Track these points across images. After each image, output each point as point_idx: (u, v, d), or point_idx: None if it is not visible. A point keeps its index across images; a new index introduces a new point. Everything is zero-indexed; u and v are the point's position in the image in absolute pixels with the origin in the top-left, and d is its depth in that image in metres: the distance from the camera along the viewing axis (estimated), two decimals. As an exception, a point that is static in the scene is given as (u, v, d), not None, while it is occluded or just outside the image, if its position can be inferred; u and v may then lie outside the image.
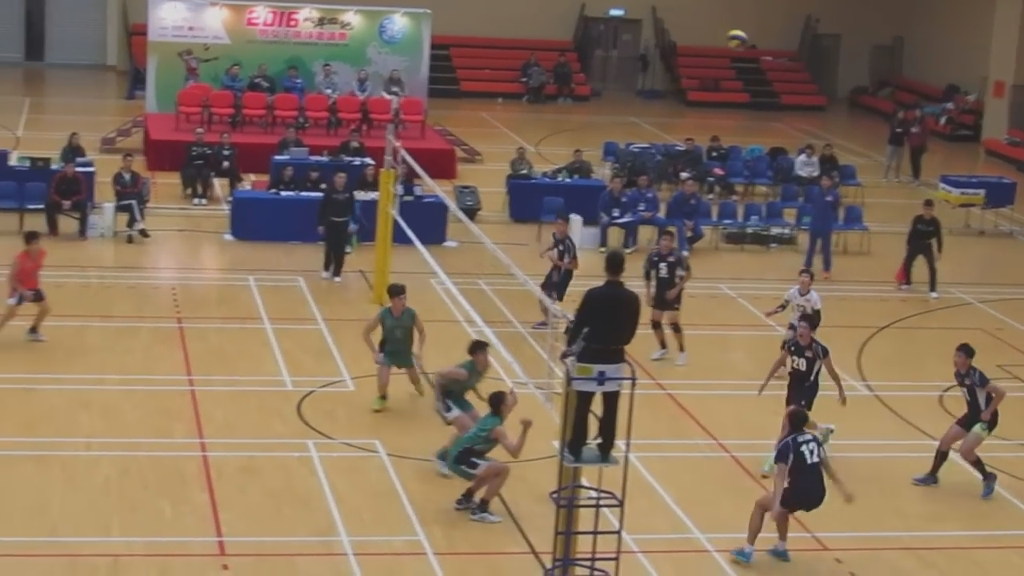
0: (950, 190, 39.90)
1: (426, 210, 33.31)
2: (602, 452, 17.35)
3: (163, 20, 44.69)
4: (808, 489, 19.47)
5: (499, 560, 19.14)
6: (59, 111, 49.07)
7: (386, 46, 45.99)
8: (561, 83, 56.98)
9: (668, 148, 43.27)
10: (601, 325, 16.59)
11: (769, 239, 36.70)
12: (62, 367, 24.99)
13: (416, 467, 21.74)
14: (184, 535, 19.06)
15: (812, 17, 60.76)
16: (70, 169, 33.71)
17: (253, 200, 34.80)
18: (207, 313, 28.55)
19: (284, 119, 42.89)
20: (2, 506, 19.53)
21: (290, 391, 24.46)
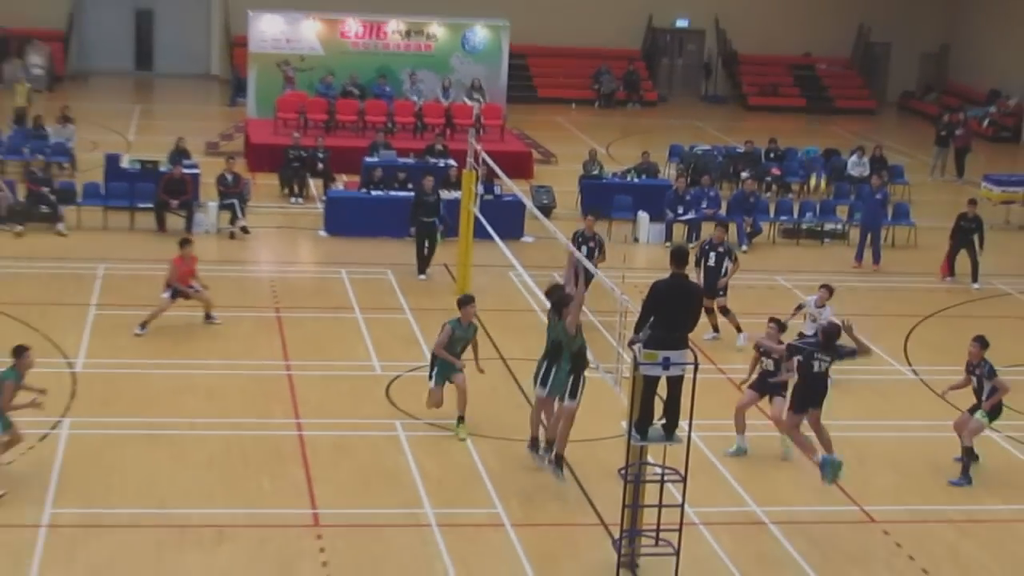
0: (992, 188, 39.66)
1: (505, 208, 33.36)
2: (666, 432, 17.43)
3: (263, 33, 44.93)
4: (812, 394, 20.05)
5: (571, 531, 19.15)
6: (167, 117, 49.37)
7: (468, 55, 46.08)
8: (630, 89, 56.89)
9: (729, 150, 43.16)
10: (666, 314, 16.65)
11: (823, 234, 36.58)
12: (170, 353, 25.16)
13: (495, 445, 21.79)
14: (281, 507, 19.19)
15: (864, 26, 60.42)
16: (177, 171, 33.96)
17: (345, 199, 34.95)
18: (303, 303, 28.70)
19: (374, 124, 43.02)
20: (117, 481, 19.72)
21: (379, 375, 24.57)
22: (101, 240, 32.58)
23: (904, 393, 25.40)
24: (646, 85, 57.97)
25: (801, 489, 21.02)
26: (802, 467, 21.63)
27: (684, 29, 60.44)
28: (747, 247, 34.75)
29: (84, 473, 19.91)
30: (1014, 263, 34.96)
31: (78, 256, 31.07)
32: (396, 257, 31.76)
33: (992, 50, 57.44)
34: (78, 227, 33.32)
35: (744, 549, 18.91)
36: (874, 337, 28.22)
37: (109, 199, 34.20)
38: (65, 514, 18.62)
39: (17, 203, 33.11)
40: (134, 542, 17.95)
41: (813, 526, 19.74)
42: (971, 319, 30.10)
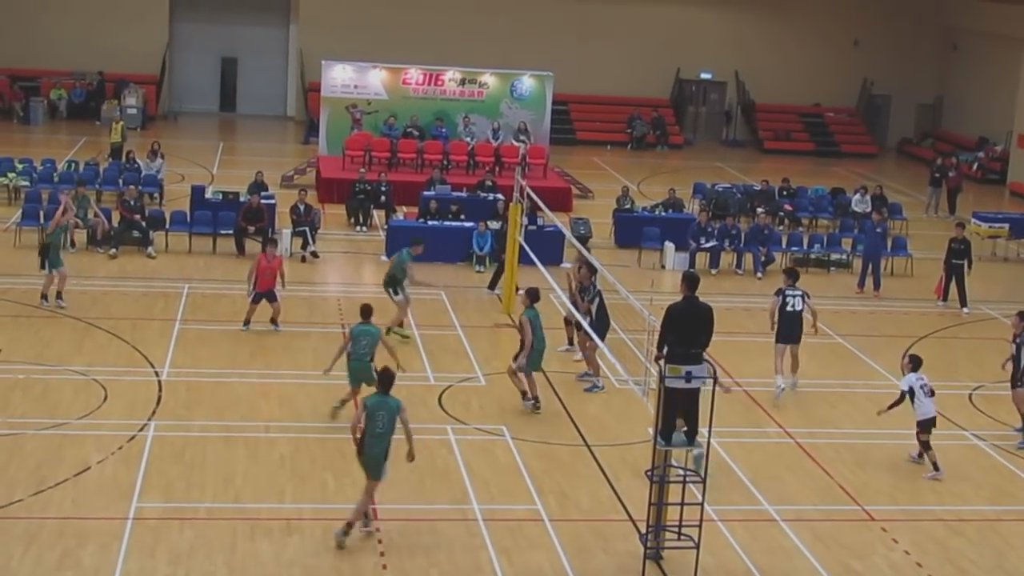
0: (980, 224, 39.42)
1: (547, 237, 33.22)
2: (688, 437, 17.34)
3: (334, 79, 44.98)
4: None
5: (602, 526, 19.02)
6: (247, 153, 49.49)
7: (516, 102, 46.02)
8: (659, 133, 56.74)
9: (747, 188, 42.97)
10: (682, 333, 16.58)
11: (829, 263, 36.36)
12: (247, 363, 25.15)
13: (535, 448, 21.70)
14: (344, 503, 19.04)
15: (867, 80, 60.17)
16: (255, 201, 34.00)
17: (405, 227, 34.84)
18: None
19: (431, 161, 43.00)
20: (197, 478, 19.71)
21: (432, 384, 24.48)
22: (186, 262, 32.61)
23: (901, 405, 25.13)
24: (673, 130, 57.78)
25: (808, 490, 20.89)
26: (809, 471, 21.52)
27: (708, 80, 60.23)
28: (762, 274, 34.56)
29: (167, 470, 19.90)
30: (999, 291, 34.73)
31: (165, 276, 31.11)
32: (449, 279, 31.67)
33: (980, 102, 57.16)
34: (166, 251, 33.38)
35: (757, 543, 18.79)
36: (874, 355, 28.23)
37: (194, 226, 34.24)
38: (150, 508, 18.60)
39: (112, 229, 33.18)
40: (211, 533, 17.90)
41: (818, 523, 19.61)
42: (960, 340, 29.95)
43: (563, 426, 22.86)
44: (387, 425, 17.69)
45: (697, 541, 17.14)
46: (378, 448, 17.71)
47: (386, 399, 17.82)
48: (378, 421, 17.69)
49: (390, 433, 17.72)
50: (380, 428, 17.69)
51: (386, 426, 17.69)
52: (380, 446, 17.72)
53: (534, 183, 34.78)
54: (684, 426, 17.40)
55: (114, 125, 44.50)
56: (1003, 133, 53.82)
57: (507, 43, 54.71)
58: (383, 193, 38.12)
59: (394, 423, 17.75)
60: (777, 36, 58.87)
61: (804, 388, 25.63)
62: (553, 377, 25.25)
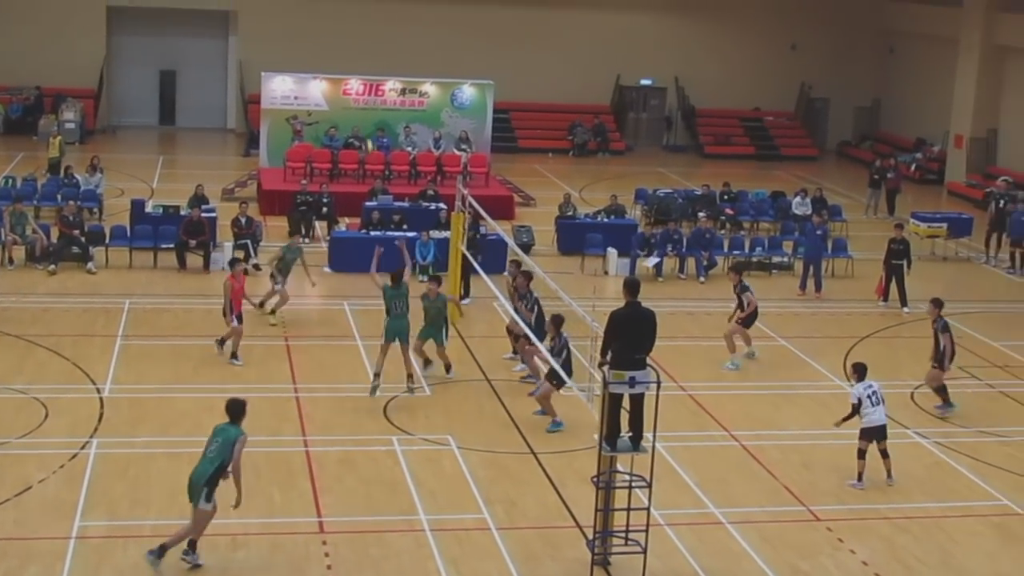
0: (919, 224, 39.64)
1: (490, 246, 33.17)
2: (633, 443, 17.35)
3: (274, 91, 44.79)
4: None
5: (550, 533, 19.00)
6: (187, 167, 49.14)
7: (457, 111, 45.95)
8: (600, 140, 56.81)
9: (688, 192, 43.06)
10: (626, 339, 16.58)
11: (771, 266, 36.48)
12: (191, 378, 25.00)
13: (481, 457, 21.66)
14: (291, 516, 19.02)
15: (806, 84, 60.45)
16: (196, 214, 33.81)
17: (348, 239, 34.77)
18: (310, 332, 28.53)
19: (373, 172, 42.90)
20: (142, 495, 19.56)
21: (378, 396, 24.35)
22: (127, 277, 32.36)
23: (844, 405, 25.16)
24: (614, 136, 57.85)
25: (754, 492, 20.96)
26: (755, 473, 21.58)
27: (648, 86, 60.30)
28: (704, 278, 34.66)
29: (111, 488, 19.73)
30: (939, 290, 34.54)
31: (106, 292, 30.86)
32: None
33: (917, 103, 57.51)
34: (106, 266, 33.10)
35: (704, 546, 18.82)
36: (817, 356, 28.35)
37: (134, 240, 33.99)
38: (94, 526, 18.44)
39: (51, 244, 32.89)
40: (157, 549, 17.75)
41: (765, 524, 19.66)
42: (902, 339, 30.14)
43: (509, 434, 22.83)
44: (218, 452, 17.21)
45: (644, 546, 17.15)
46: (200, 470, 17.21)
47: (228, 428, 17.42)
48: (211, 444, 17.33)
49: (219, 460, 17.18)
50: (211, 452, 17.31)
51: (217, 452, 17.22)
52: (203, 469, 17.19)
53: (476, 191, 34.72)
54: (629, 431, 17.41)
55: (52, 140, 44.17)
56: (940, 134, 54.22)
57: (447, 52, 54.65)
58: (325, 204, 37.98)
59: (227, 451, 17.19)
60: (716, 42, 59.10)
61: (748, 392, 25.74)
62: (498, 385, 25.24)
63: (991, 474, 22.19)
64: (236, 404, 17.60)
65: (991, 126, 51.34)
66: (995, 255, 38.91)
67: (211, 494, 17.14)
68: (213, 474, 17.11)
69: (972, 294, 35.06)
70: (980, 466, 22.49)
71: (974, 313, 32.84)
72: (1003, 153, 50.97)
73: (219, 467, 17.13)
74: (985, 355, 29.23)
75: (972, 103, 51.37)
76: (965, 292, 35.26)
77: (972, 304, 33.80)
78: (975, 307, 33.52)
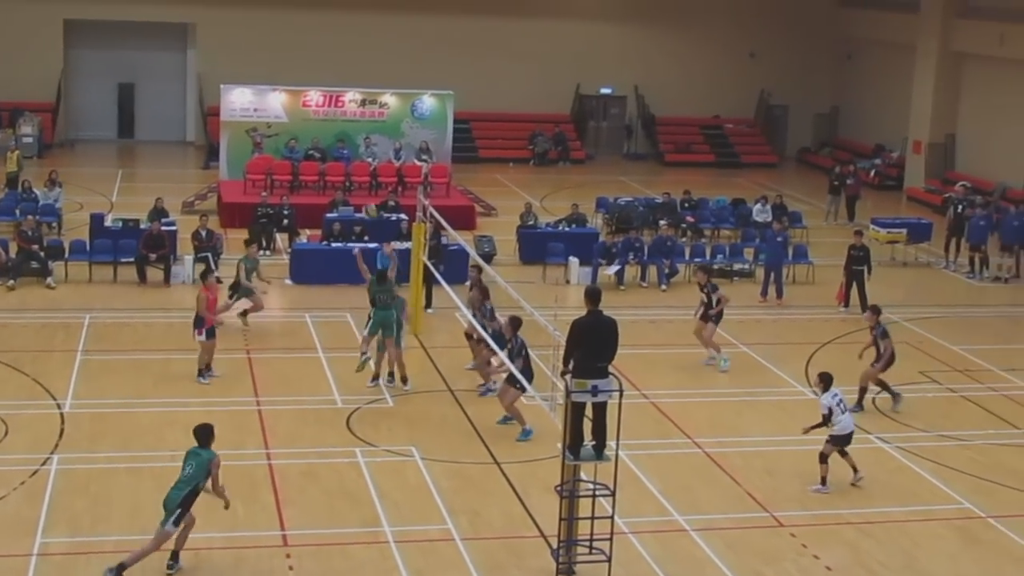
0: (879, 230, 39.85)
1: (451, 256, 33.16)
2: (596, 451, 17.35)
3: (233, 103, 44.67)
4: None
5: (515, 543, 18.99)
6: (147, 180, 48.95)
7: (417, 121, 45.92)
8: (561, 149, 56.88)
9: (649, 200, 43.18)
10: (588, 347, 16.59)
11: (732, 273, 36.57)
12: (153, 392, 24.88)
13: (445, 467, 21.64)
14: (255, 530, 18.96)
15: (765, 91, 60.66)
16: (156, 227, 33.69)
17: (309, 250, 34.73)
18: (272, 344, 28.45)
19: (334, 183, 42.82)
20: (103, 511, 19.45)
21: (341, 408, 24.33)
22: (87, 292, 32.21)
23: (807, 411, 25.27)
24: (575, 145, 57.92)
25: (717, 499, 21.01)
26: (718, 480, 21.63)
27: (608, 95, 60.43)
28: (666, 286, 34.74)
29: (72, 504, 19.61)
30: (899, 295, 35.12)
31: (66, 307, 30.71)
32: (355, 301, 31.43)
33: (875, 110, 57.81)
34: (65, 281, 32.93)
35: (669, 554, 18.85)
36: (779, 363, 28.44)
37: (94, 255, 33.85)
38: (55, 543, 18.34)
39: (9, 260, 32.68)
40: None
41: (729, 531, 19.70)
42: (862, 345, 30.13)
43: (473, 444, 22.83)
44: (191, 476, 17.39)
45: (609, 554, 17.16)
46: (173, 495, 17.30)
47: (200, 452, 17.59)
48: (185, 468, 17.50)
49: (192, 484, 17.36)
50: (184, 476, 17.45)
51: (190, 476, 17.39)
52: (175, 493, 17.28)
53: (437, 202, 34.75)
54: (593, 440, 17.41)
55: (9, 154, 43.92)
56: (898, 140, 54.49)
57: (407, 63, 54.63)
58: (286, 216, 37.91)
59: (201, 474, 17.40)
60: (675, 50, 59.25)
61: (710, 399, 25.82)
62: (461, 395, 25.23)
63: (953, 477, 22.30)
64: (204, 429, 17.80)
65: (949, 131, 51.65)
66: (954, 260, 39.12)
67: (180, 518, 17.18)
68: (185, 498, 17.24)
69: (932, 299, 35.28)
70: (942, 470, 22.60)
71: (934, 318, 33.02)
72: (961, 158, 51.27)
73: (192, 491, 17.30)
74: (945, 359, 29.39)
75: (930, 109, 51.68)
76: (925, 297, 35.49)
77: (932, 309, 34.01)
78: (935, 311, 33.71)
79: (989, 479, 22.31)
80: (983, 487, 21.97)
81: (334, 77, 49.85)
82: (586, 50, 58.46)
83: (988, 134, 49.43)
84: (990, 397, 26.84)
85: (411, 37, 56.09)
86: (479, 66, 56.40)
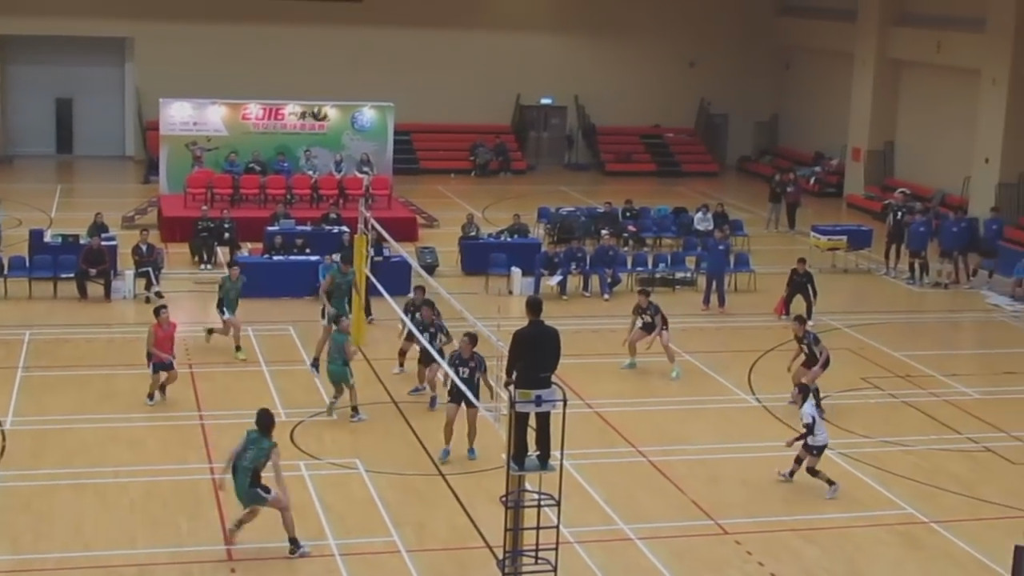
0: (820, 237, 40.09)
1: (393, 267, 33.07)
2: (541, 461, 17.35)
3: (172, 117, 44.49)
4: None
5: (460, 554, 19.01)
6: (86, 195, 48.60)
7: (358, 133, 45.87)
8: (502, 160, 56.94)
9: (591, 210, 43.28)
10: (530, 357, 16.61)
11: (674, 282, 36.72)
12: (95, 408, 24.74)
13: (389, 480, 21.62)
14: (199, 545, 18.87)
15: (705, 100, 60.93)
16: (96, 243, 33.49)
17: (250, 263, 34.49)
18: (214, 359, 28.31)
19: (275, 196, 42.66)
20: (46, 527, 19.31)
21: (284, 421, 24.16)
22: (27, 308, 31.99)
23: (750, 418, 25.55)
24: (516, 156, 57.97)
25: (662, 507, 21.07)
26: (663, 488, 21.71)
27: (548, 106, 60.52)
28: (609, 296, 34.84)
29: (14, 522, 19.46)
30: (840, 302, 35.34)
31: (6, 323, 30.48)
32: (297, 314, 31.48)
33: (815, 118, 58.14)
34: (5, 297, 32.74)
35: (614, 563, 18.91)
36: (722, 371, 28.55)
37: (34, 271, 33.59)
38: (-4, 560, 18.22)
39: (-51, 277, 32.49)
40: (63, 582, 17.58)
41: (674, 539, 19.77)
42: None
43: (417, 456, 22.82)
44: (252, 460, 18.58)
45: (555, 564, 17.14)
46: (240, 482, 18.53)
47: (261, 438, 18.73)
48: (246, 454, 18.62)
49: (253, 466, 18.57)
50: (246, 462, 18.53)
51: (251, 460, 18.57)
52: (242, 480, 18.52)
53: (379, 214, 34.72)
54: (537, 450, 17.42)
55: (-53, 172, 43.64)
56: (838, 147, 54.86)
57: (347, 75, 54.54)
58: (227, 230, 37.76)
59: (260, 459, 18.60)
60: (615, 60, 59.43)
61: (654, 408, 25.92)
62: (405, 408, 25.21)
63: (895, 483, 22.46)
64: (266, 416, 18.98)
65: (888, 139, 52.02)
66: (894, 266, 39.39)
67: (266, 489, 18.60)
68: (253, 477, 18.55)
69: (873, 305, 35.52)
70: (885, 475, 22.76)
71: (875, 324, 33.25)
72: (900, 165, 51.65)
73: (255, 471, 18.56)
74: (887, 365, 29.59)
75: (868, 116, 52.03)
76: (866, 303, 35.74)
77: (873, 315, 34.24)
78: (876, 318, 33.95)
79: (932, 484, 22.49)
80: (926, 492, 22.14)
81: (274, 90, 49.72)
82: (526, 61, 58.57)
83: (926, 141, 49.83)
84: (932, 402, 27.05)
85: (351, 50, 56.00)
86: (419, 78, 56.39)
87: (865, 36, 51.97)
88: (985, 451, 24.30)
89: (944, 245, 38.67)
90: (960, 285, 38.03)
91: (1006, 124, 43.60)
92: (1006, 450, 24.32)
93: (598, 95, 59.47)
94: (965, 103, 46.22)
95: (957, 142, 47.03)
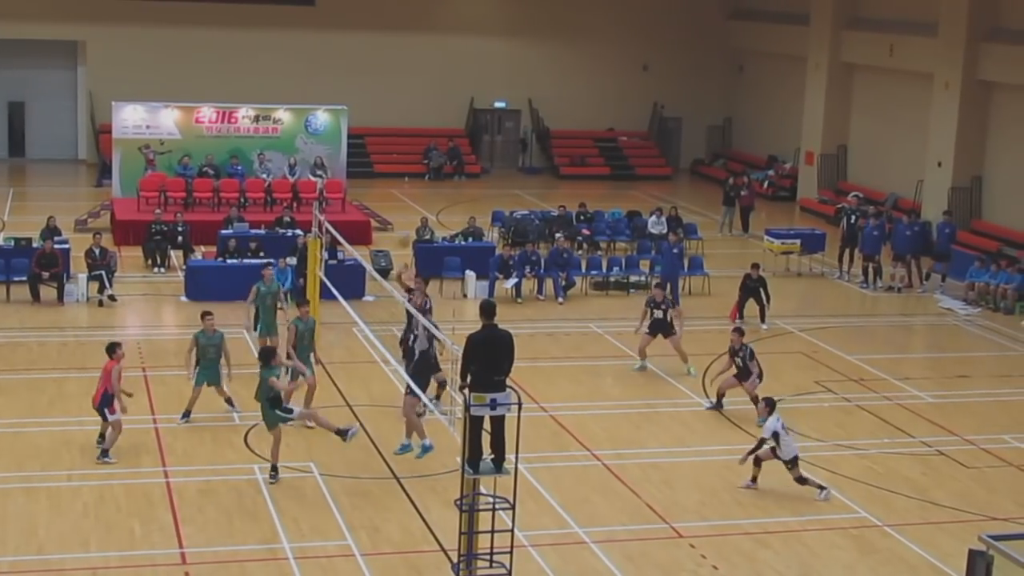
0: (773, 241, 40.23)
1: (347, 271, 33.09)
2: (495, 464, 17.38)
3: (125, 120, 44.30)
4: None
5: (415, 558, 19.03)
6: (38, 198, 48.35)
7: (311, 137, 45.80)
8: (456, 163, 56.97)
9: (545, 214, 43.33)
10: (484, 361, 16.65)
11: (629, 285, 36.81)
12: (47, 412, 24.64)
13: (343, 483, 21.61)
14: (152, 549, 18.82)
15: (658, 104, 61.11)
16: (49, 246, 33.32)
17: (204, 267, 34.51)
18: (167, 362, 28.20)
19: (228, 200, 42.59)
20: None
21: (238, 425, 24.21)
22: (-21, 312, 31.85)
23: (704, 422, 25.63)
24: (470, 159, 58.02)
25: (616, 511, 21.12)
26: (617, 492, 21.77)
27: (502, 109, 60.60)
28: (563, 299, 34.90)
29: (-33, 525, 19.40)
30: (794, 305, 35.51)
31: (-41, 327, 30.35)
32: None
33: (768, 121, 58.42)
34: (-42, 301, 32.58)
35: (569, 566, 18.96)
36: (676, 375, 28.61)
37: (-14, 275, 33.49)
38: (-52, 565, 18.13)
39: (-100, 281, 32.25)
40: (14, 587, 17.50)
41: (628, 543, 19.83)
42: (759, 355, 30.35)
43: (371, 460, 22.81)
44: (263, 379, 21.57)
45: (509, 568, 17.16)
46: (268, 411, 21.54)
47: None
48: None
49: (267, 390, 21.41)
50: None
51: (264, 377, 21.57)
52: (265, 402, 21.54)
53: (333, 217, 34.68)
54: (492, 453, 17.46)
55: None
56: (791, 151, 55.13)
57: (300, 78, 54.47)
58: (180, 233, 37.65)
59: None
60: (568, 63, 59.56)
61: (608, 411, 25.97)
62: (360, 411, 25.19)
63: (848, 486, 22.60)
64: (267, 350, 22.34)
65: (841, 142, 52.30)
66: (848, 270, 39.59)
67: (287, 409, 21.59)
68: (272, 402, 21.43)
69: (826, 309, 35.70)
70: (837, 479, 22.88)
71: (828, 327, 33.42)
72: (853, 169, 51.93)
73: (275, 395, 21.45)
74: (840, 369, 29.74)
75: (821, 120, 52.31)
76: (819, 307, 35.91)
77: (826, 319, 34.42)
78: (829, 322, 34.13)
79: (884, 488, 22.64)
80: (879, 496, 22.29)
81: (227, 94, 49.61)
82: (480, 64, 58.62)
83: (879, 145, 50.12)
84: (885, 406, 27.22)
85: (304, 53, 55.92)
86: (373, 81, 56.38)
87: (818, 40, 52.24)
88: (938, 455, 24.48)
89: (897, 249, 38.88)
90: (913, 289, 38.28)
91: (958, 128, 43.86)
92: (959, 453, 24.51)
93: (552, 99, 59.58)
94: (918, 107, 46.52)
95: (910, 146, 47.33)
